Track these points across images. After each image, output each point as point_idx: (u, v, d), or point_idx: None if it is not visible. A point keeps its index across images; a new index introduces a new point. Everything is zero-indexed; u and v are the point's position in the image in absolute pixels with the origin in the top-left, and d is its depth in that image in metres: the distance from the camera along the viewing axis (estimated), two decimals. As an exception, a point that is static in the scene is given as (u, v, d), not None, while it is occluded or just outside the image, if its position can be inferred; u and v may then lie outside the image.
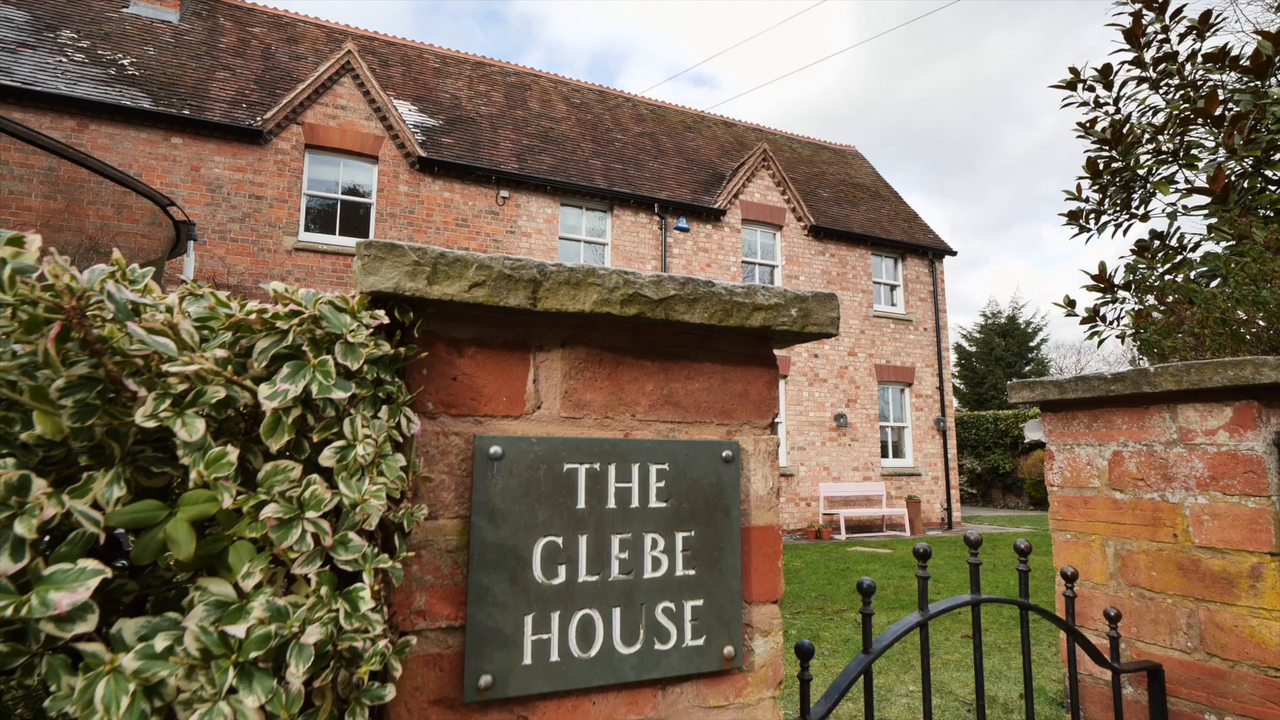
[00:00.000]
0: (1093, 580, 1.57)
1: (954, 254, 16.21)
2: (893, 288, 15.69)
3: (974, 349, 31.71)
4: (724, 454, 0.80)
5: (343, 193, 10.95)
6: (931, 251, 15.92)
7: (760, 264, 14.10)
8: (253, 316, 0.53)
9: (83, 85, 9.55)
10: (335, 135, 10.79)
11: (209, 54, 11.38)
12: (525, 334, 0.72)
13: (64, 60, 9.91)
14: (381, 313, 0.62)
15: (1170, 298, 4.80)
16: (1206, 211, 4.14)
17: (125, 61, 10.38)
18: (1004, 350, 30.90)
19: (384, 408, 0.61)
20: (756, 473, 0.82)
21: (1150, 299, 4.85)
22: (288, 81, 11.40)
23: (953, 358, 30.58)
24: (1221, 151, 4.41)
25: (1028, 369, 31.42)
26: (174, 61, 10.87)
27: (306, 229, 10.59)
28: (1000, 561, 9.32)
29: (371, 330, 0.59)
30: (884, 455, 14.81)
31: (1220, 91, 4.89)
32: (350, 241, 10.75)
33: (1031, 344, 31.21)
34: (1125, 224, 5.57)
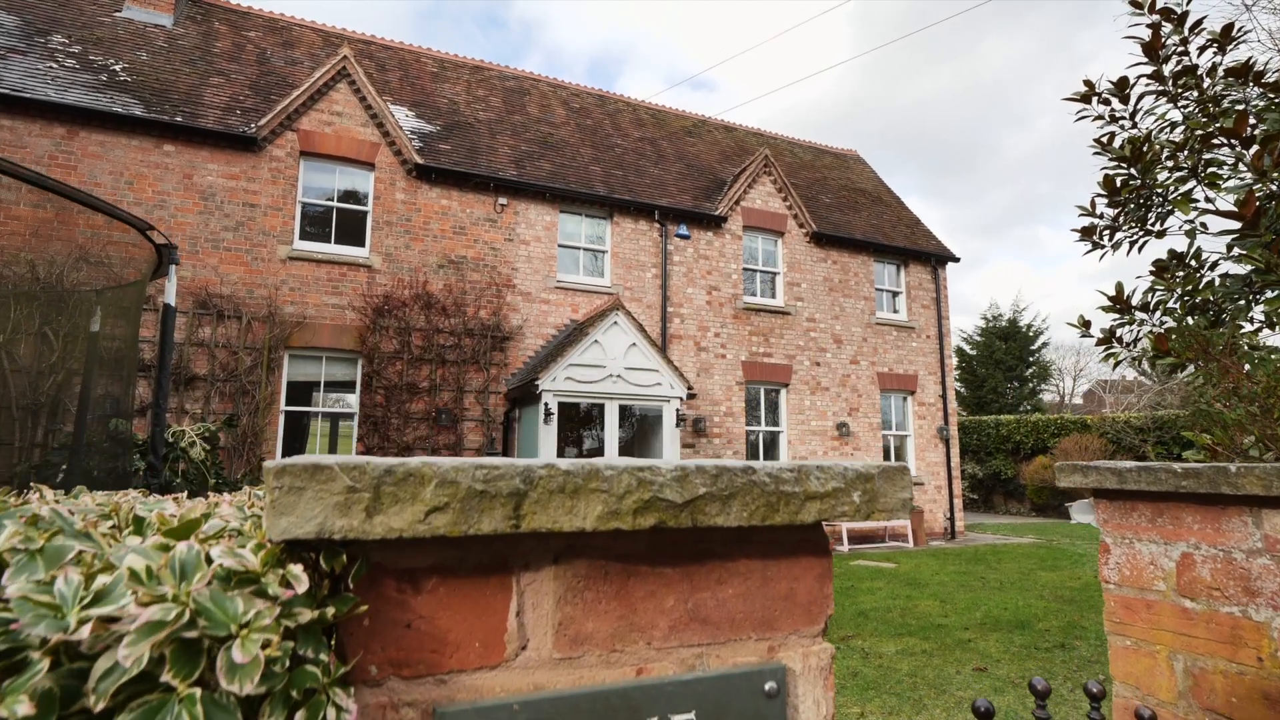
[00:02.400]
0: (1158, 697, 1.39)
1: (957, 260, 16.05)
2: (895, 294, 15.52)
3: (974, 352, 31.50)
4: (767, 687, 0.61)
5: (339, 200, 10.76)
6: (934, 258, 15.76)
7: (762, 271, 13.93)
8: (88, 627, 0.35)
9: (73, 92, 9.37)
10: (331, 142, 10.61)
11: (203, 59, 11.19)
12: (506, 551, 0.54)
13: (54, 66, 9.73)
14: (299, 570, 0.44)
15: (1191, 318, 4.64)
16: (1235, 237, 3.97)
17: (117, 67, 10.20)
18: (1004, 354, 30.70)
19: (300, 711, 0.43)
20: (806, 698, 0.64)
21: (1170, 319, 4.70)
22: (283, 87, 11.21)
23: (953, 361, 30.42)
24: (1246, 172, 4.24)
25: (1029, 372, 31.24)
26: (167, 67, 10.68)
27: (301, 238, 10.40)
28: (1008, 579, 9.13)
29: (282, 607, 0.42)
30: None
31: (1242, 106, 4.72)
32: (347, 250, 10.57)
33: (1033, 347, 30.99)
34: (1141, 241, 5.41)
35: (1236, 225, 4.10)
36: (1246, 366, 3.58)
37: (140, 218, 3.67)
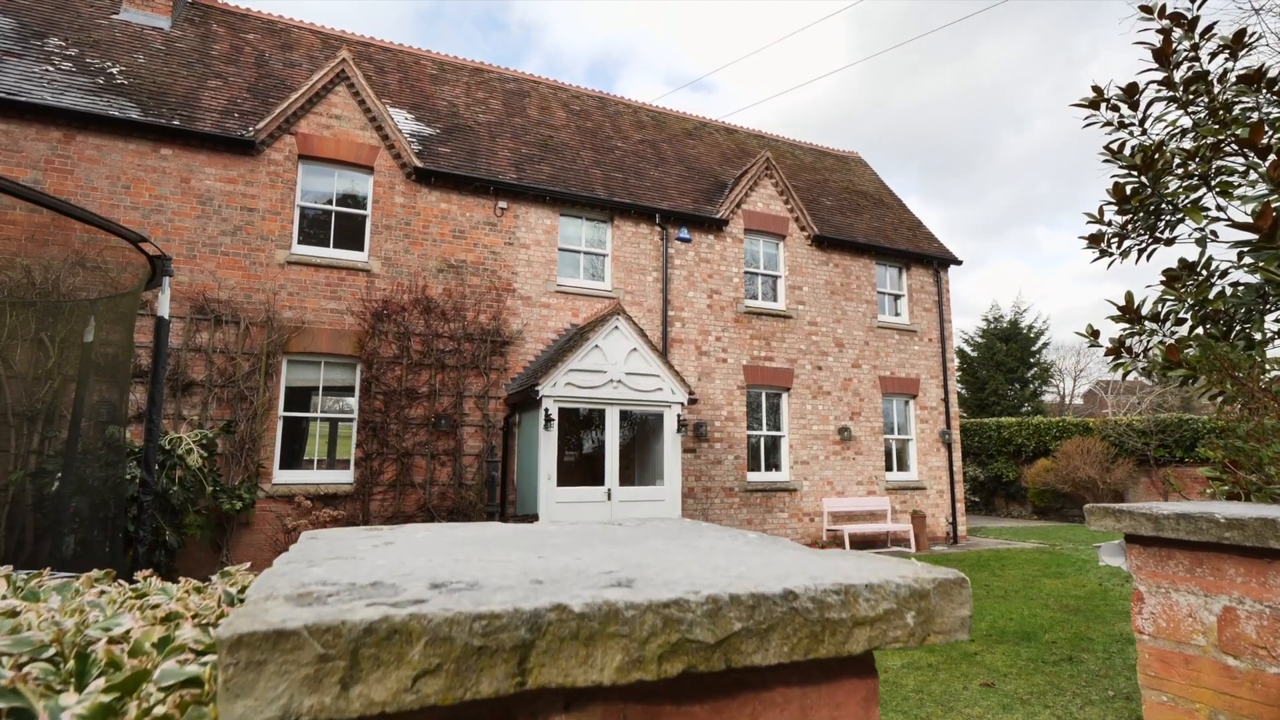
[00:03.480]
0: (1197, 758, 1.31)
1: (959, 263, 15.97)
2: (897, 298, 15.44)
3: (975, 354, 31.40)
4: (807, 842, 0.54)
5: (337, 204, 10.68)
6: (936, 261, 15.67)
7: (763, 274, 13.85)
8: None
9: (69, 95, 9.29)
10: (329, 146, 10.53)
11: (200, 61, 11.11)
12: (510, 702, 0.47)
13: (51, 69, 9.65)
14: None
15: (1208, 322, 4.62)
16: (1250, 249, 3.89)
17: (114, 70, 10.12)
18: (1005, 355, 30.59)
19: None
20: (848, 844, 0.56)
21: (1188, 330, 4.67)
22: (281, 89, 11.13)
23: (955, 364, 30.31)
24: (1261, 183, 4.17)
25: (1030, 374, 31.13)
26: (164, 69, 10.60)
27: (300, 242, 10.32)
28: (1012, 587, 9.05)
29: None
30: (888, 468, 14.56)
31: (1255, 114, 4.65)
32: (345, 254, 10.49)
33: (1034, 348, 30.90)
34: (1149, 249, 5.34)
35: (1251, 236, 4.03)
36: (1265, 378, 3.50)
37: (132, 230, 3.60)
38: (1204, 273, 4.68)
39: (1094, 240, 5.45)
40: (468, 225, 11.27)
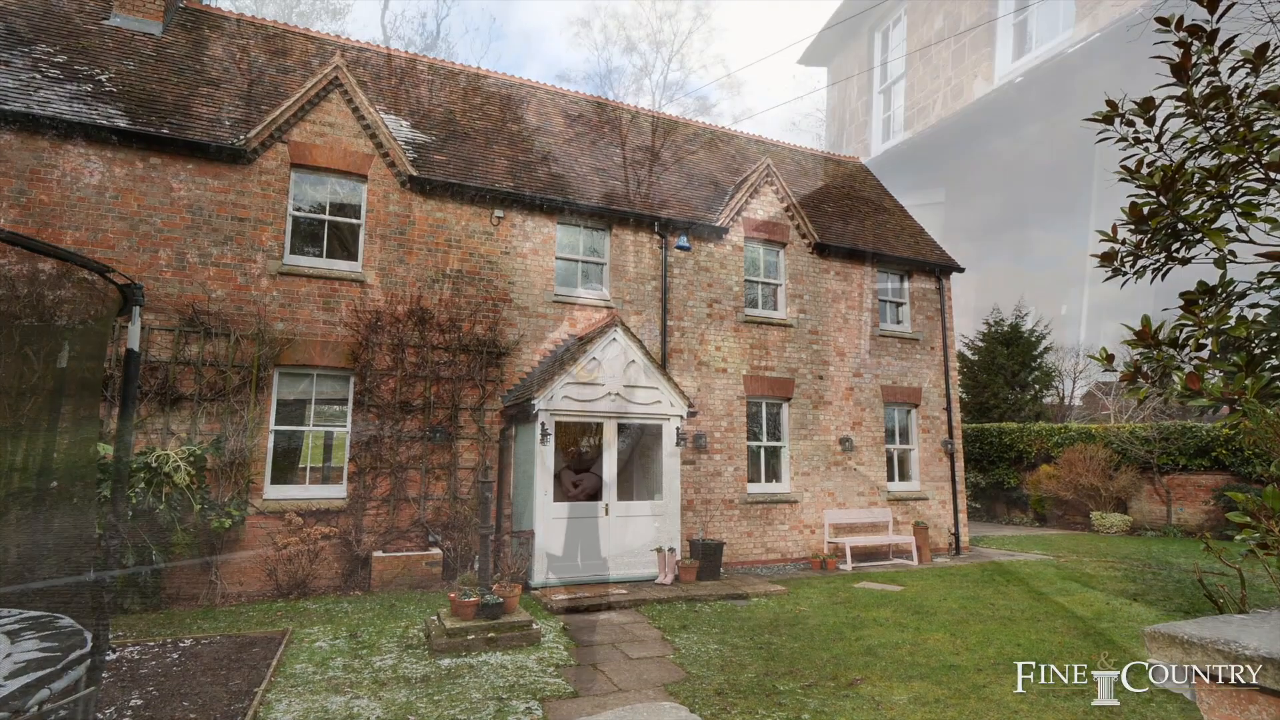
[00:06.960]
0: None
1: (961, 270, 15.77)
2: (898, 306, 15.25)
3: (976, 358, 31.19)
4: None
5: (330, 213, 10.48)
6: (938, 268, 15.48)
7: (764, 283, 13.67)
8: None
9: (57, 104, 9.10)
10: (323, 154, 10.34)
11: (192, 68, 10.92)
12: None
13: (38, 77, 9.46)
14: None
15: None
16: (1276, 280, 3.72)
17: (103, 77, 9.93)
18: (1007, 359, 30.39)
19: None
20: None
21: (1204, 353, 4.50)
22: (274, 96, 10.94)
23: (957, 368, 30.04)
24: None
25: (1032, 378, 30.93)
26: (155, 77, 10.41)
27: (292, 252, 10.13)
28: (1018, 607, 8.86)
29: None
30: (890, 478, 14.37)
31: (1278, 130, 4.47)
32: (338, 265, 10.30)
33: (1035, 352, 30.70)
34: (1165, 269, 5.16)
35: (1275, 265, 3.84)
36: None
37: (97, 261, 3.41)
38: (1223, 293, 4.50)
39: (1107, 258, 5.26)
40: (464, 234, 11.08)
